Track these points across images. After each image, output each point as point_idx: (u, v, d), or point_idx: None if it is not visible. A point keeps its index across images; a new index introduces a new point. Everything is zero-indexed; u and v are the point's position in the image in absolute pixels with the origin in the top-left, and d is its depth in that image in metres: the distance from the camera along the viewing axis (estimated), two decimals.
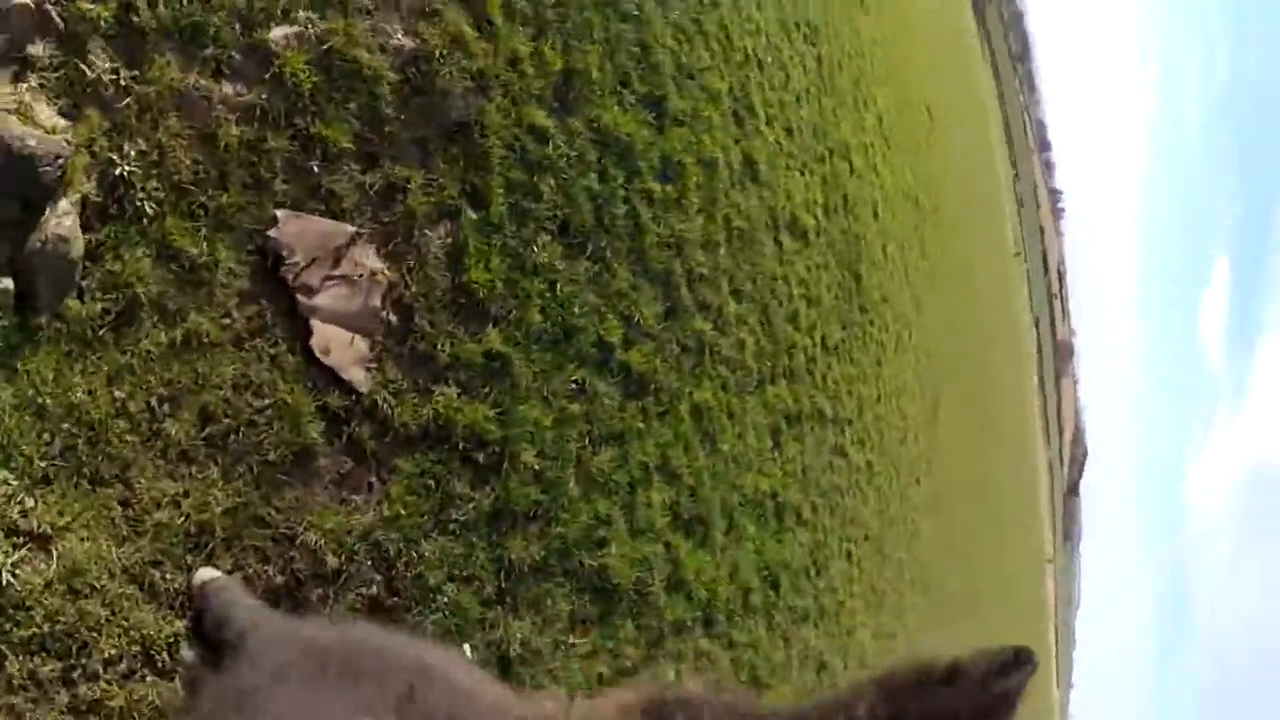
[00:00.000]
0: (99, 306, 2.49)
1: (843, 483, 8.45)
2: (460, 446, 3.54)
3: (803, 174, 8.02)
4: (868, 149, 11.04)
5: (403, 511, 3.24)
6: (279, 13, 3.08)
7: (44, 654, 2.29)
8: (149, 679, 2.46)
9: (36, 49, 2.52)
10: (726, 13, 6.45)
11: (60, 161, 2.43)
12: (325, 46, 3.18)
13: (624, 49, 4.98)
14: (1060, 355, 79.39)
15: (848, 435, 8.80)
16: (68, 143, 2.48)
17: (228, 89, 2.88)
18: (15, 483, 2.29)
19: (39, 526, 2.30)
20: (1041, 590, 52.83)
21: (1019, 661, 0.85)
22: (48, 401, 2.37)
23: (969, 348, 24.52)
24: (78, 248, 2.47)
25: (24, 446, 2.31)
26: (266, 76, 2.99)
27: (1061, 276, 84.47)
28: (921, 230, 15.42)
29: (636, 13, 5.12)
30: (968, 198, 27.61)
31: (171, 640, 2.51)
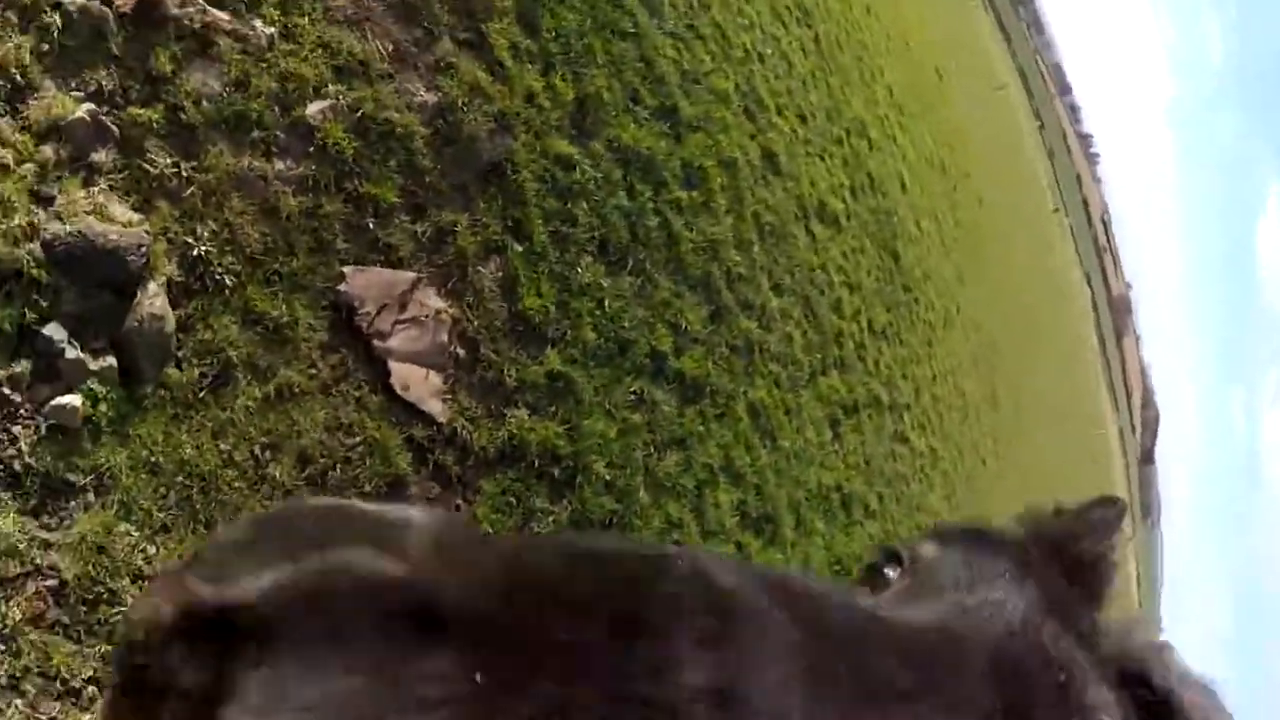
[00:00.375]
0: (196, 372, 2.75)
1: (907, 470, 8.46)
2: (536, 464, 3.75)
3: (823, 159, 8.13)
4: (883, 122, 11.04)
5: (490, 529, 3.44)
6: (310, 90, 3.35)
7: None
8: None
9: (99, 155, 2.80)
10: (718, 13, 6.60)
11: (142, 250, 2.70)
12: (358, 114, 3.45)
13: (628, 67, 5.19)
14: (1117, 311, 77.30)
15: (907, 420, 8.81)
16: (146, 233, 2.75)
17: (279, 165, 3.14)
18: (137, 534, 2.54)
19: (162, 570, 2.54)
20: (1123, 571, 51.19)
21: (1109, 500, 0.99)
22: (160, 460, 2.62)
23: (1020, 316, 24.16)
24: (170, 323, 2.73)
25: (142, 501, 2.57)
26: (311, 149, 3.26)
27: (1108, 227, 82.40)
28: (953, 198, 15.35)
29: (633, 30, 5.32)
30: (995, 157, 27.25)
31: None
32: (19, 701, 2.30)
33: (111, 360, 2.60)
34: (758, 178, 6.50)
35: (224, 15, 3.12)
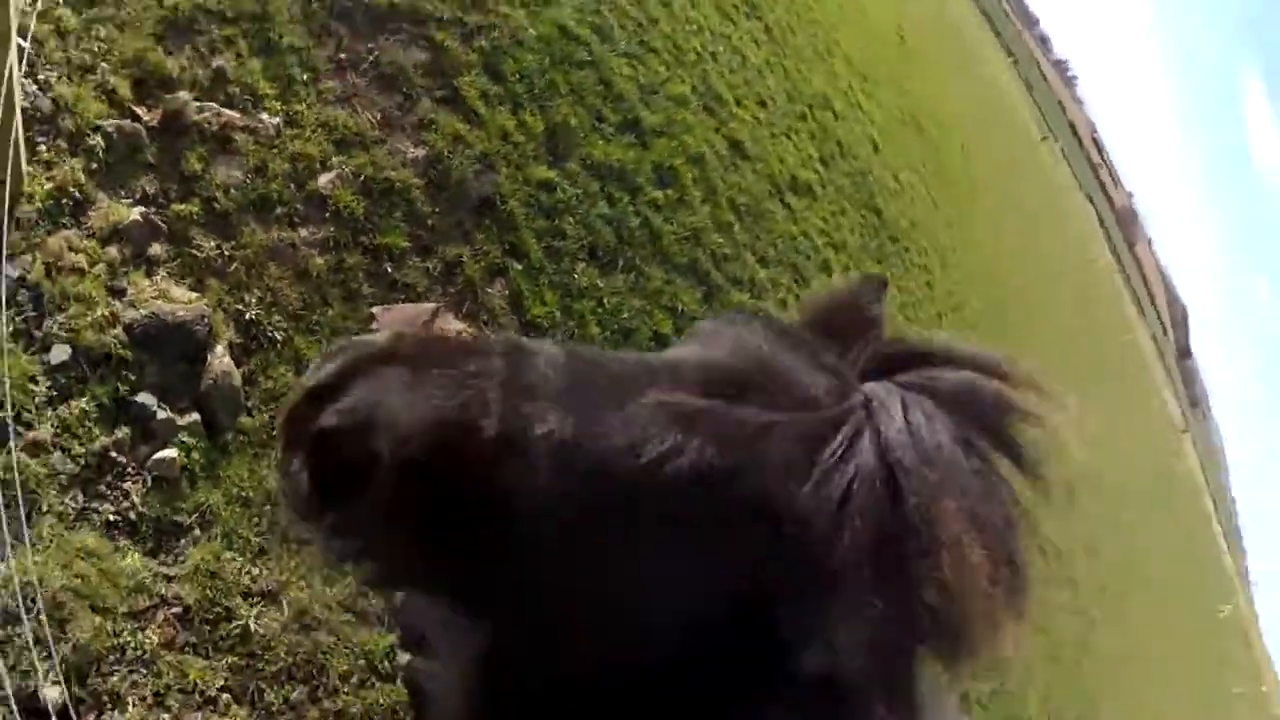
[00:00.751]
0: (266, 416, 3.25)
1: None
2: None
3: (789, 137, 8.50)
4: (846, 93, 11.30)
5: None
6: (318, 165, 3.89)
7: (292, 681, 2.94)
8: (378, 685, 3.11)
9: (155, 249, 3.33)
10: (666, 24, 7.04)
11: (205, 321, 3.22)
12: (361, 178, 3.98)
13: (589, 91, 5.69)
14: (1124, 222, 76.89)
15: None
16: (205, 306, 3.27)
17: (303, 233, 3.67)
18: (241, 559, 3.01)
19: (267, 586, 3.01)
20: (1185, 464, 50.55)
21: (871, 277, 1.20)
22: (250, 493, 3.09)
23: (1026, 245, 24.28)
24: (237, 378, 3.24)
25: (241, 530, 3.03)
26: (327, 215, 3.79)
27: (1099, 144, 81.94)
28: (933, 148, 15.60)
29: (589, 58, 5.83)
30: (973, 103, 27.32)
31: (389, 650, 3.16)
32: (165, 716, 2.66)
33: (195, 416, 3.09)
34: (727, 166, 6.92)
35: (235, 114, 3.65)
